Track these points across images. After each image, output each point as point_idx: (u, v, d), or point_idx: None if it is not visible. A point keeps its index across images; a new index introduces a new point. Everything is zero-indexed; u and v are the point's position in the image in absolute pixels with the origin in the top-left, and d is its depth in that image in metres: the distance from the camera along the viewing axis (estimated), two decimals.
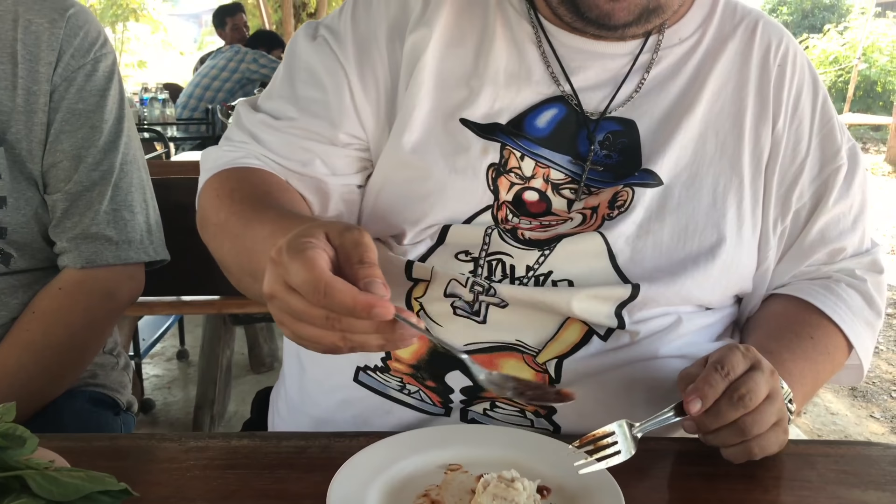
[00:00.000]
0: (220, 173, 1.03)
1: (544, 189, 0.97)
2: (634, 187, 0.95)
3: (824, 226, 1.03)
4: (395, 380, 0.97)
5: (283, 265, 0.68)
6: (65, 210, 1.19)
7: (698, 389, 0.78)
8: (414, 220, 0.97)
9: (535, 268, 0.94)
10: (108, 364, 1.36)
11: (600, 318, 0.93)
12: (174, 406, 3.24)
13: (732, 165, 0.98)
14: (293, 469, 0.82)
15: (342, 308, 0.65)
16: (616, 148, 0.98)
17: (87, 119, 1.20)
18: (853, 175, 1.04)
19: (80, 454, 0.80)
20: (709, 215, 0.96)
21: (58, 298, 1.18)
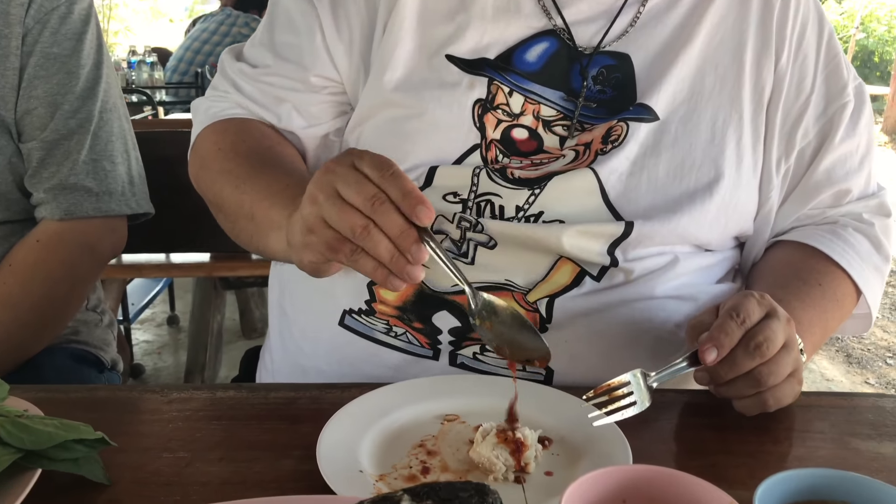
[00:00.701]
0: (216, 125, 1.01)
1: (535, 126, 0.93)
2: (629, 122, 0.92)
3: (830, 165, 0.99)
4: (381, 322, 0.94)
5: (354, 153, 0.70)
6: (41, 159, 1.14)
7: (714, 338, 0.74)
8: (398, 160, 0.91)
9: (526, 208, 0.90)
10: (91, 321, 1.31)
11: (592, 256, 0.90)
12: (164, 371, 3.21)
13: (732, 100, 0.94)
14: (282, 420, 0.78)
15: (399, 190, 0.66)
16: (610, 83, 0.94)
17: (63, 64, 1.14)
18: (860, 113, 1.00)
19: (56, 405, 0.76)
20: (706, 151, 0.92)
21: (35, 251, 1.13)
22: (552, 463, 0.70)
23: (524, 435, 0.69)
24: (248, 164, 0.93)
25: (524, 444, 0.68)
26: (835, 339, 3.85)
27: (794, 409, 0.82)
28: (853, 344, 3.82)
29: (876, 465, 0.72)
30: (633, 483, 0.58)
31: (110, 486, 0.66)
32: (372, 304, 0.94)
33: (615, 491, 0.58)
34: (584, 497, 0.56)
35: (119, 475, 0.68)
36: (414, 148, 0.92)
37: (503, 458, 0.68)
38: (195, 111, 1.06)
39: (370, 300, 0.93)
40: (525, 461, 0.68)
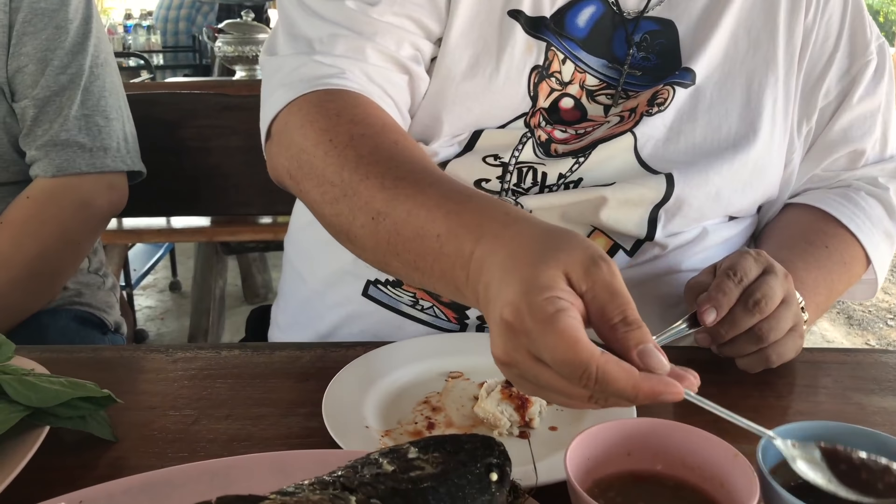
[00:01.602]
0: (314, 99, 0.78)
1: (579, 96, 0.90)
2: (675, 86, 0.90)
3: (847, 124, 0.97)
4: (408, 295, 0.92)
5: (528, 334, 0.51)
6: (34, 117, 1.12)
7: (712, 298, 0.73)
8: (447, 120, 0.87)
9: (567, 175, 0.88)
10: (93, 283, 1.31)
11: (629, 227, 0.88)
12: (168, 337, 3.22)
13: (767, 62, 0.92)
14: (287, 378, 0.79)
15: (619, 397, 0.51)
16: (654, 49, 0.91)
17: (51, 19, 1.13)
18: (882, 73, 0.98)
19: (62, 366, 0.76)
20: (742, 115, 0.91)
21: (26, 208, 1.12)
22: (557, 418, 0.70)
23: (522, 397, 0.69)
24: (381, 177, 0.68)
25: (528, 400, 0.68)
26: (836, 302, 3.86)
27: (796, 364, 0.82)
28: (854, 306, 3.83)
29: (878, 419, 0.73)
30: (637, 436, 0.58)
31: (117, 443, 0.67)
32: None
33: (620, 444, 0.58)
34: (588, 450, 0.56)
35: (126, 432, 0.68)
36: (465, 112, 0.87)
37: (508, 413, 0.68)
38: (275, 70, 0.82)
39: None
40: (529, 416, 0.68)
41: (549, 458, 0.62)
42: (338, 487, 0.46)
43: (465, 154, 0.89)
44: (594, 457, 0.57)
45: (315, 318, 0.99)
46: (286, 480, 0.48)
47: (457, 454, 0.50)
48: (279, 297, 1.10)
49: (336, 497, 0.44)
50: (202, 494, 0.46)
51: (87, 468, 0.64)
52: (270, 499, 0.44)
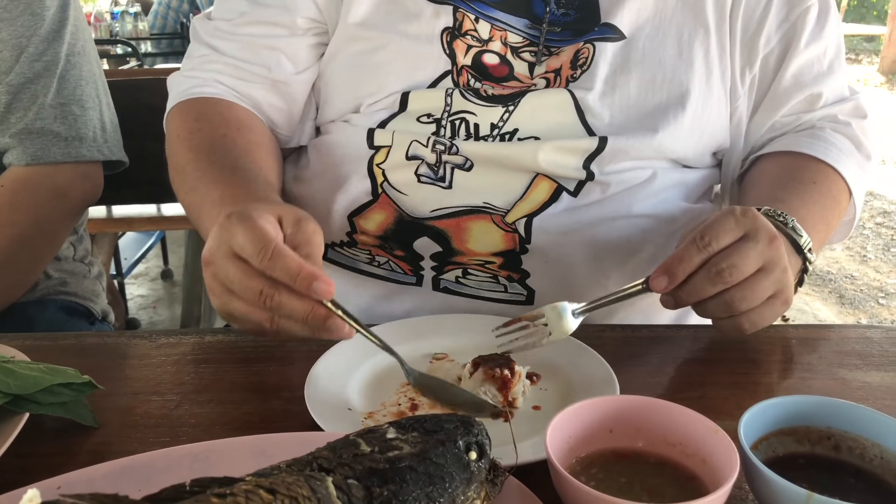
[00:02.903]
0: (182, 105, 0.98)
1: (503, 52, 0.92)
2: (595, 43, 0.91)
3: (798, 70, 0.97)
4: (364, 253, 0.95)
5: (230, 230, 0.65)
6: (7, 104, 1.11)
7: (667, 265, 0.71)
8: (369, 93, 0.93)
9: (500, 125, 0.90)
10: (78, 272, 1.30)
11: (568, 171, 0.89)
12: (160, 325, 3.22)
13: (696, 15, 0.93)
14: (270, 362, 0.78)
15: (285, 273, 0.63)
16: (573, 5, 0.92)
17: (28, 6, 1.11)
18: (826, 17, 0.97)
19: (44, 352, 0.76)
20: (675, 66, 0.92)
21: (0, 196, 1.11)
22: (540, 397, 0.70)
23: (514, 370, 0.69)
24: (197, 161, 0.90)
25: (511, 380, 0.68)
26: (827, 280, 3.87)
27: (782, 341, 0.83)
28: (846, 285, 3.85)
29: (862, 394, 0.73)
30: (619, 413, 0.58)
31: (99, 429, 0.66)
32: (353, 234, 0.94)
33: (602, 421, 0.58)
34: (570, 428, 0.56)
35: (108, 418, 0.68)
36: (385, 78, 0.92)
37: (491, 393, 0.68)
38: (170, 87, 1.02)
39: (351, 231, 0.94)
40: (513, 396, 0.68)
41: (532, 437, 0.62)
42: (315, 468, 0.46)
43: (398, 115, 0.93)
44: (576, 435, 0.57)
45: None
46: (267, 463, 0.48)
47: (436, 433, 0.50)
48: None
49: (312, 477, 0.44)
50: (182, 478, 0.45)
51: (68, 454, 0.63)
52: (246, 480, 0.43)
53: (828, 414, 0.58)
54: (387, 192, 0.93)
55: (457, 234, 0.91)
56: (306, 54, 0.97)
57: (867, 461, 0.56)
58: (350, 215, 0.94)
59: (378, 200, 0.93)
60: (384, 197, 0.93)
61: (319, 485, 0.43)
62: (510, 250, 0.91)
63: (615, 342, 0.82)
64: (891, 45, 10.11)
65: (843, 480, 0.56)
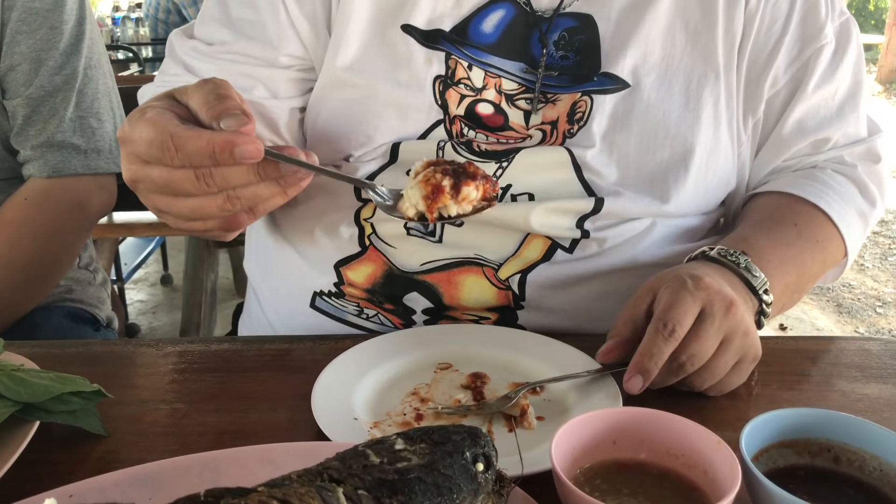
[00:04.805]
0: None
1: (498, 101, 0.87)
2: (593, 95, 0.85)
3: (802, 115, 0.91)
4: (352, 304, 0.91)
5: (131, 139, 0.61)
6: (27, 117, 1.12)
7: (639, 364, 0.68)
8: (359, 142, 0.88)
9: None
10: (84, 279, 1.31)
11: (562, 231, 0.86)
12: (159, 331, 3.22)
13: (706, 57, 0.87)
14: (277, 371, 0.79)
15: (200, 155, 0.58)
16: (573, 47, 0.86)
17: (46, 19, 1.12)
18: (842, 55, 0.91)
19: (52, 360, 0.77)
20: (680, 120, 0.86)
21: (24, 209, 1.12)
22: (544, 408, 0.71)
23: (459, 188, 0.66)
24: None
25: (443, 191, 0.66)
26: (825, 289, 3.88)
27: (782, 353, 0.84)
28: (843, 294, 3.86)
29: (861, 406, 0.74)
30: (622, 425, 0.59)
31: (108, 437, 0.67)
32: (340, 286, 0.91)
33: (605, 433, 0.59)
34: (574, 439, 0.57)
35: (116, 427, 0.68)
36: (375, 130, 0.87)
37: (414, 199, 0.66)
38: (140, 98, 0.94)
39: (339, 282, 0.91)
40: (447, 212, 0.66)
41: (536, 448, 0.63)
42: (325, 479, 0.47)
43: (388, 167, 0.89)
44: (580, 446, 0.58)
45: (269, 330, 1.00)
46: (275, 472, 0.49)
47: (443, 445, 0.51)
48: (244, 312, 1.09)
49: (323, 488, 0.45)
50: (192, 487, 0.46)
51: (78, 462, 0.64)
52: (259, 491, 0.44)
53: (827, 427, 0.59)
54: (375, 244, 0.90)
55: (448, 290, 0.88)
56: (287, 87, 0.91)
57: (866, 473, 0.57)
58: (337, 265, 0.91)
59: (366, 252, 0.90)
60: (372, 249, 0.90)
61: (330, 496, 0.44)
62: (505, 306, 0.88)
63: None
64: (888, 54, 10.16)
65: (843, 492, 0.57)
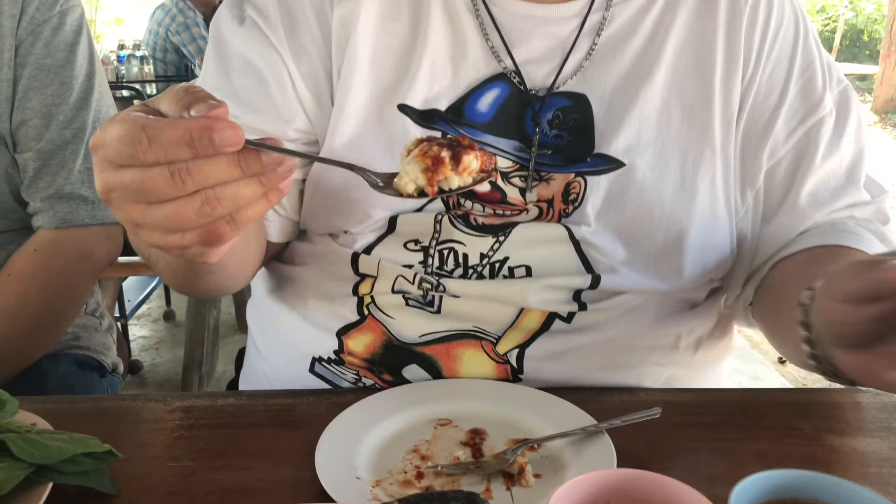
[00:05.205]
0: None
1: (494, 178, 0.87)
2: (586, 176, 0.86)
3: (815, 188, 0.90)
4: (351, 372, 0.92)
5: (101, 142, 0.54)
6: (37, 170, 1.15)
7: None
8: (358, 219, 0.89)
9: (490, 255, 0.87)
10: (90, 326, 1.34)
11: (559, 306, 0.87)
12: (162, 367, 3.23)
13: (703, 133, 0.86)
14: (281, 427, 0.81)
15: (176, 145, 0.51)
16: (567, 126, 0.87)
17: (57, 75, 1.16)
18: (843, 124, 0.91)
19: (62, 416, 0.79)
20: (675, 201, 0.86)
21: (33, 260, 1.15)
22: (541, 465, 0.73)
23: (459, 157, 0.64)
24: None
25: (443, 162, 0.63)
26: None
27: (773, 406, 0.86)
28: None
29: (851, 460, 0.76)
30: (616, 486, 0.61)
31: (118, 496, 0.69)
32: (340, 354, 0.92)
33: (599, 494, 0.61)
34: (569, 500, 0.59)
35: (126, 485, 0.70)
36: (372, 209, 0.87)
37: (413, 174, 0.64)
38: None
39: (339, 350, 0.92)
40: (448, 185, 0.64)
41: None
42: None
43: (386, 237, 0.89)
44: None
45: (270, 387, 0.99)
46: None
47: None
48: (245, 364, 1.09)
49: None
50: None
51: None
52: None
53: (814, 487, 0.61)
54: (373, 313, 0.91)
55: (447, 363, 0.89)
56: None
57: None
58: (339, 332, 0.91)
59: (365, 321, 0.91)
60: (371, 318, 0.90)
61: None
62: (503, 379, 0.89)
63: (612, 405, 0.85)
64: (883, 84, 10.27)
65: None
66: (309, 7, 0.88)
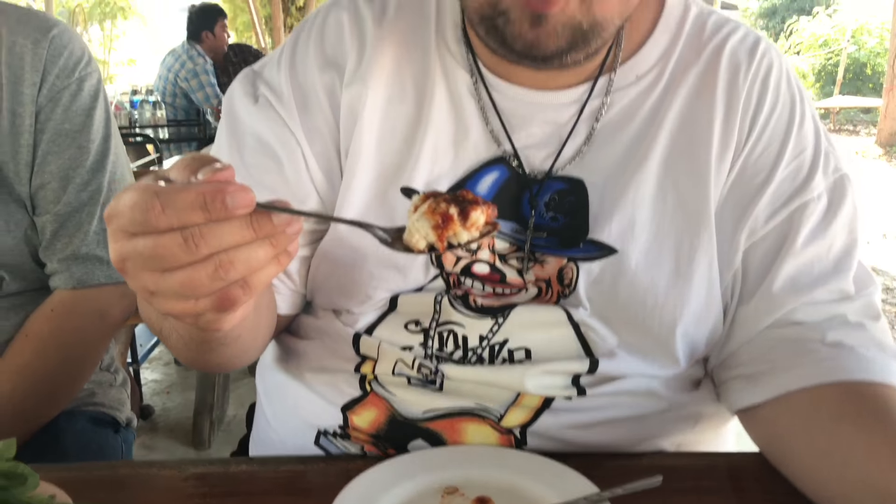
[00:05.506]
0: None
1: (492, 261, 0.88)
2: (578, 262, 0.86)
3: (795, 272, 0.85)
4: (356, 447, 0.93)
5: (115, 212, 0.55)
6: (54, 231, 1.19)
7: None
8: (359, 300, 0.91)
9: (489, 336, 0.88)
10: (105, 381, 1.36)
11: (557, 391, 0.88)
12: (173, 411, 3.25)
13: (698, 217, 0.85)
14: (291, 495, 0.84)
15: (189, 209, 0.52)
16: (563, 209, 0.87)
17: (74, 139, 1.19)
18: (835, 212, 0.87)
19: (80, 486, 0.81)
20: (670, 288, 0.85)
21: (50, 320, 1.18)
22: None
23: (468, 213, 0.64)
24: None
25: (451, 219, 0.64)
26: None
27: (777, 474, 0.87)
28: None
29: None
30: None
31: None
32: (346, 428, 0.93)
33: None
34: None
35: None
36: (374, 290, 0.89)
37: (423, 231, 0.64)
38: None
39: (344, 425, 0.93)
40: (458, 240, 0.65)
41: None
42: None
43: (388, 316, 0.91)
44: None
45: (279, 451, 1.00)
46: None
47: None
48: (254, 429, 1.10)
49: None
50: None
51: None
52: None
53: None
54: (376, 390, 0.92)
55: (452, 437, 0.89)
56: (302, 237, 0.89)
57: None
58: (344, 408, 0.92)
59: (368, 396, 0.92)
60: (374, 394, 0.92)
61: None
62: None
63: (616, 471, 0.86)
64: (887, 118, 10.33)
65: None
66: (321, 87, 0.90)
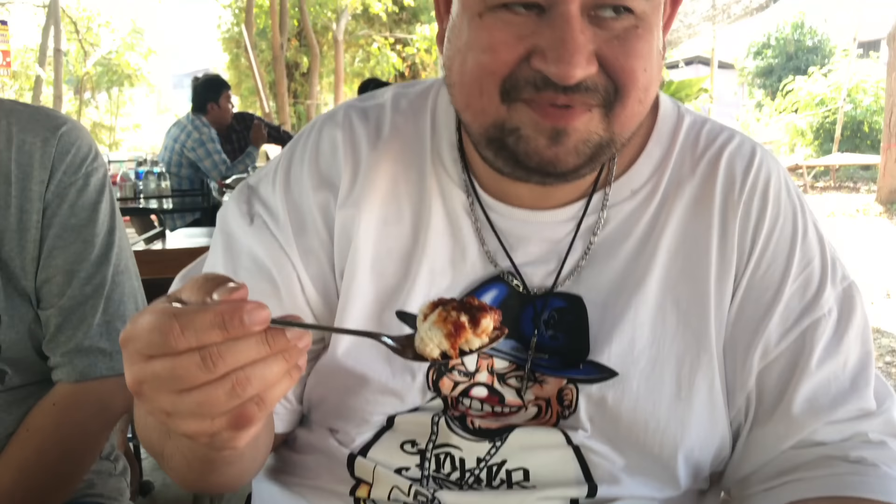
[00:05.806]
0: None
1: (490, 382, 0.86)
2: (578, 384, 0.84)
3: (812, 393, 0.83)
4: None
5: (132, 335, 0.56)
6: (58, 325, 1.19)
7: None
8: (356, 423, 0.89)
9: (487, 458, 0.85)
10: (105, 471, 1.35)
11: None
12: (173, 487, 3.20)
13: (699, 338, 0.83)
14: None
15: (208, 329, 0.53)
16: (562, 327, 0.85)
17: (79, 234, 1.20)
18: (846, 325, 0.84)
19: None
20: (671, 411, 0.82)
21: (51, 415, 1.17)
22: None
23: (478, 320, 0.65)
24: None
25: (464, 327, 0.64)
26: None
27: None
28: None
29: None
30: None
31: None
32: None
33: None
34: None
35: None
36: (370, 415, 0.88)
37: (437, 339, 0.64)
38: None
39: None
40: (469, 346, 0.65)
41: None
42: None
43: (384, 434, 0.89)
44: None
45: None
46: None
47: None
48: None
49: None
50: None
51: None
52: None
53: None
54: None
55: None
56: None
57: None
58: None
59: None
60: None
61: None
62: None
63: None
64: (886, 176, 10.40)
65: None
66: (315, 206, 0.89)
